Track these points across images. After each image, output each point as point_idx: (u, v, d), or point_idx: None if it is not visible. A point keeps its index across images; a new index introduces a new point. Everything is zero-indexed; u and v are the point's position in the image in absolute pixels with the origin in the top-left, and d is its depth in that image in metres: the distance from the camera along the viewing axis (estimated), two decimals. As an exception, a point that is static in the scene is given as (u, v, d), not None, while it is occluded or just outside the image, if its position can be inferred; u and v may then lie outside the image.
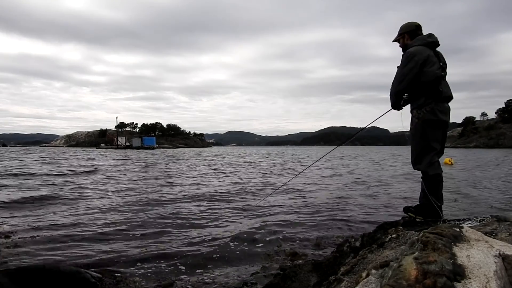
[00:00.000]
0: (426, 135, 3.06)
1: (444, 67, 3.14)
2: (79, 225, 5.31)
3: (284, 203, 7.30)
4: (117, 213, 6.23)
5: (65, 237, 4.65)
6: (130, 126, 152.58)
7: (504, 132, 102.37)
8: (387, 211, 6.56)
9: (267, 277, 3.24)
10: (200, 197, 8.19)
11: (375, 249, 2.42)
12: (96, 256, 3.90)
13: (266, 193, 8.25)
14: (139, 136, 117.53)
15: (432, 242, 1.54)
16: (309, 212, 6.43)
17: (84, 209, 6.54)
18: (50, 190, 9.01)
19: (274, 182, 11.76)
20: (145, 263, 3.72)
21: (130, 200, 7.70)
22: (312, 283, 2.76)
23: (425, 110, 3.03)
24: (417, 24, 3.27)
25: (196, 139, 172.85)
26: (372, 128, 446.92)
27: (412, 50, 3.05)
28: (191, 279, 3.33)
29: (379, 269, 1.67)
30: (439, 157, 3.17)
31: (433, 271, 1.33)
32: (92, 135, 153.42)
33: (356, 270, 2.13)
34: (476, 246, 1.58)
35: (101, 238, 4.64)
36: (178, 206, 7.02)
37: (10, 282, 2.72)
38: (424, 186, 3.11)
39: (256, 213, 6.33)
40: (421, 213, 3.15)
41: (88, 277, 3.05)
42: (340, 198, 8.08)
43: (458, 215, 5.16)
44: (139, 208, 6.73)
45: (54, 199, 7.58)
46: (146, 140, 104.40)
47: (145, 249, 4.18)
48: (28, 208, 6.57)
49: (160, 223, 5.48)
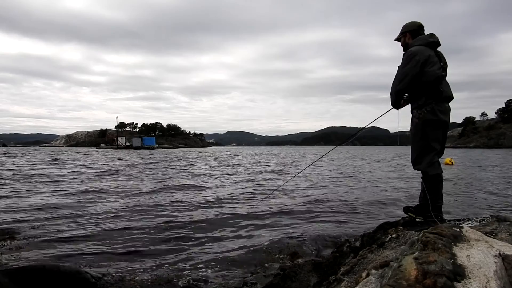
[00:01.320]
0: (426, 135, 3.05)
1: (445, 67, 3.14)
2: (79, 224, 5.31)
3: (284, 203, 7.30)
4: (118, 212, 6.24)
5: (65, 236, 4.66)
6: (130, 126, 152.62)
7: (504, 132, 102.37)
8: (387, 211, 6.56)
9: (267, 277, 3.24)
10: (198, 200, 8.20)
11: (375, 249, 2.42)
12: (96, 256, 3.90)
13: (273, 194, 8.25)
14: (139, 136, 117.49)
15: (432, 242, 1.54)
16: (310, 212, 6.43)
17: (88, 211, 6.54)
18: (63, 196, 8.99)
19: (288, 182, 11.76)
20: (145, 262, 3.72)
21: (135, 200, 7.70)
22: (312, 283, 2.76)
23: (426, 110, 3.02)
24: (420, 24, 3.27)
25: (196, 139, 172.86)
26: (372, 128, 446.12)
27: (413, 50, 3.05)
28: (191, 278, 3.33)
29: (379, 269, 1.67)
30: (439, 157, 3.16)
31: (433, 271, 1.33)
32: (92, 135, 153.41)
33: (356, 270, 2.13)
34: (476, 246, 1.58)
35: (102, 238, 4.64)
36: (179, 206, 7.02)
37: (10, 282, 2.72)
38: (424, 186, 3.11)
39: (256, 212, 6.33)
40: (421, 213, 3.15)
41: (88, 277, 3.05)
42: (340, 197, 8.08)
43: (458, 215, 5.16)
44: (140, 208, 6.73)
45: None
46: (146, 140, 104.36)
47: (145, 249, 4.19)
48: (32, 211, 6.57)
49: (161, 223, 5.48)
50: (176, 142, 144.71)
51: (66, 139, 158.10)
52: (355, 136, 4.51)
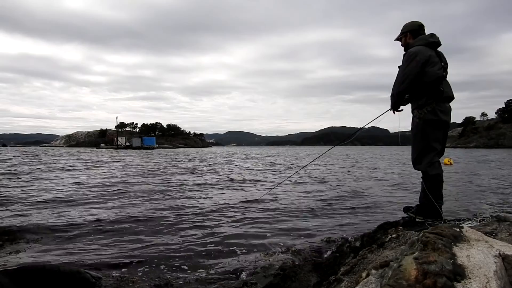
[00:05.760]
0: (427, 135, 3.06)
1: (446, 67, 3.15)
2: (80, 224, 5.31)
3: (283, 203, 7.30)
4: (119, 213, 6.23)
5: (66, 236, 4.66)
6: (130, 126, 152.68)
7: (504, 132, 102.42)
8: (387, 211, 6.56)
9: (267, 277, 3.23)
10: (201, 200, 8.19)
11: (375, 249, 2.42)
12: (96, 256, 3.90)
13: (271, 194, 8.24)
14: (139, 136, 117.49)
15: (432, 242, 1.54)
16: (309, 212, 6.43)
17: (87, 209, 6.54)
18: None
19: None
20: (145, 263, 3.72)
21: (135, 201, 7.70)
22: (312, 283, 2.77)
23: (426, 110, 3.03)
24: (420, 24, 3.28)
25: (196, 139, 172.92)
26: (372, 128, 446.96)
27: (413, 50, 3.05)
28: (191, 279, 3.32)
29: (379, 269, 1.67)
30: (439, 157, 3.17)
31: (433, 271, 1.33)
32: (92, 135, 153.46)
33: (356, 270, 2.13)
34: (476, 246, 1.58)
35: (102, 238, 4.64)
36: (179, 207, 7.02)
37: (10, 282, 2.72)
38: (424, 186, 3.12)
39: (256, 213, 6.32)
40: (421, 213, 3.15)
41: (88, 277, 3.05)
42: (340, 197, 8.08)
43: (458, 215, 5.16)
44: (140, 208, 6.73)
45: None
46: (146, 140, 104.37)
47: (146, 249, 4.18)
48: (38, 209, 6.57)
49: (160, 223, 5.48)
50: (176, 142, 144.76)
51: (66, 139, 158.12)
52: (354, 136, 4.50)
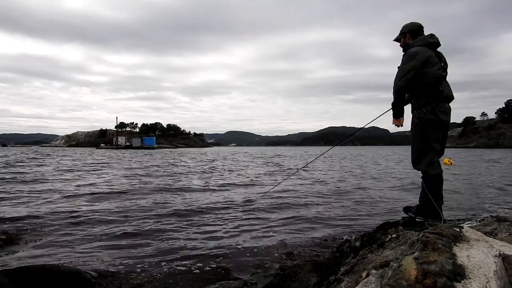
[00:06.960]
0: (426, 135, 3.06)
1: (445, 68, 3.15)
2: (80, 224, 5.32)
3: (284, 202, 7.30)
4: (119, 213, 6.24)
5: (66, 236, 4.66)
6: (130, 126, 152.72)
7: (504, 132, 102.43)
8: (387, 211, 6.56)
9: (267, 277, 3.23)
10: (203, 199, 8.20)
11: (375, 249, 2.42)
12: (96, 256, 3.90)
13: (269, 194, 8.24)
14: (139, 136, 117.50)
15: (432, 242, 1.54)
16: (309, 212, 6.43)
17: (87, 209, 6.54)
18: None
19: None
20: (145, 263, 3.72)
21: (134, 201, 7.71)
22: (312, 283, 2.77)
23: (426, 110, 3.03)
24: (420, 25, 3.28)
25: (196, 139, 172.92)
26: (372, 128, 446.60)
27: (413, 50, 3.06)
28: (191, 279, 3.33)
29: (379, 269, 1.67)
30: (439, 157, 3.17)
31: (433, 271, 1.33)
32: (92, 135, 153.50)
33: (356, 270, 2.13)
34: (476, 246, 1.58)
35: (102, 238, 4.64)
36: (179, 207, 7.02)
37: (10, 282, 2.72)
38: (424, 186, 3.12)
39: (256, 212, 6.33)
40: (421, 213, 3.15)
41: (88, 277, 3.05)
42: (340, 197, 8.08)
43: (458, 215, 5.16)
44: (140, 208, 6.73)
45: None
46: (146, 140, 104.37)
47: (146, 249, 4.19)
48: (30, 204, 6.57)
49: (160, 223, 5.48)
50: (176, 142, 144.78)
51: (66, 139, 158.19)
52: (353, 136, 4.52)
